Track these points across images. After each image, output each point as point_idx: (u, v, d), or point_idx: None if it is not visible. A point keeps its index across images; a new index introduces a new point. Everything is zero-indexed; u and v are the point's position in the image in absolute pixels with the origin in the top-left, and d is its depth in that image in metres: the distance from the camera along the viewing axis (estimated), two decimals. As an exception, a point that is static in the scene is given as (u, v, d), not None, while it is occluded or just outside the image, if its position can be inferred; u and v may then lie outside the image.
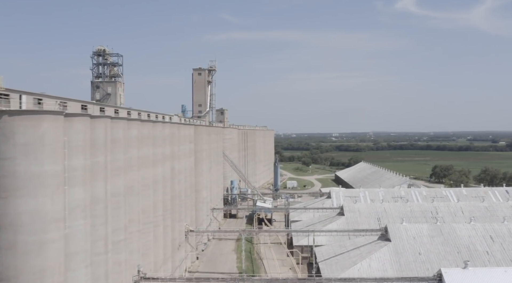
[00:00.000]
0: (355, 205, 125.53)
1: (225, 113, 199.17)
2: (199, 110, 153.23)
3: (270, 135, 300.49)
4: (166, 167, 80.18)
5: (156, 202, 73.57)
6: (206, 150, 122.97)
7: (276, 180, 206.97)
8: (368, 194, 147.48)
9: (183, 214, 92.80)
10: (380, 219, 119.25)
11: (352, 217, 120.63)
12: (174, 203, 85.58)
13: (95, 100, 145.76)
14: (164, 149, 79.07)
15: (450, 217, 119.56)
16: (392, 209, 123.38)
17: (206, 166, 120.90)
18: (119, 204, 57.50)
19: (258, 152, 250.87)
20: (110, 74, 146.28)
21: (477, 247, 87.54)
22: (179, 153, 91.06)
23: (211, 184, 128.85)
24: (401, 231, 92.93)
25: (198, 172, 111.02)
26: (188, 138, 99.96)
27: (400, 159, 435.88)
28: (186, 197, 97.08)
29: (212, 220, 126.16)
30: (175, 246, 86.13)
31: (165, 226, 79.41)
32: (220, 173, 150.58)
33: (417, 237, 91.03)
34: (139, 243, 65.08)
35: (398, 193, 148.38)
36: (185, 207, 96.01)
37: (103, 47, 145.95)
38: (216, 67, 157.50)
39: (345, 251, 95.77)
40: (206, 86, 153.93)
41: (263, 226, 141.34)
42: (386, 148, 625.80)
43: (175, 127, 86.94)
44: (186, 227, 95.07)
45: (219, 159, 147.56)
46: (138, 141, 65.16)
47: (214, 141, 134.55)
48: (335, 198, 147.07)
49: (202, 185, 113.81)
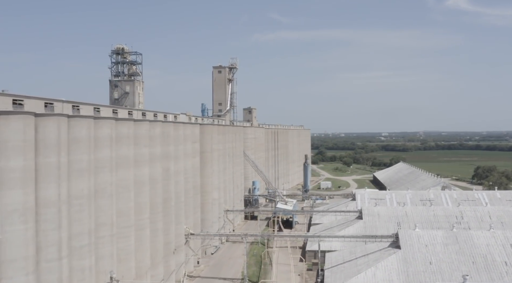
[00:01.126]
0: (374, 209, 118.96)
1: (253, 112, 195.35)
2: (219, 109, 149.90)
3: (306, 135, 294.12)
4: (156, 168, 76.92)
5: (140, 204, 70.45)
6: (219, 150, 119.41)
7: (306, 181, 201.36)
8: (394, 197, 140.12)
9: (182, 216, 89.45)
10: (400, 223, 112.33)
11: (371, 221, 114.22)
12: (168, 205, 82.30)
13: (113, 99, 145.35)
14: (153, 149, 75.86)
15: (476, 222, 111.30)
16: (414, 213, 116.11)
17: (218, 166, 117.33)
18: (82, 207, 54.50)
19: (291, 152, 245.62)
20: (129, 73, 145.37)
21: (495, 257, 79.87)
22: (178, 153, 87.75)
23: (225, 184, 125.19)
24: (413, 238, 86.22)
25: (206, 172, 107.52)
26: (191, 138, 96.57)
27: (446, 159, 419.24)
28: (188, 198, 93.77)
29: (226, 222, 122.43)
30: (169, 250, 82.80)
31: (155, 229, 76.21)
32: (240, 174, 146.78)
33: (430, 245, 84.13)
34: (113, 247, 61.99)
35: (427, 196, 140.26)
36: (186, 209, 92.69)
37: (121, 46, 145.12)
38: (237, 65, 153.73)
39: (353, 258, 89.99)
40: (226, 84, 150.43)
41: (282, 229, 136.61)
42: (433, 148, 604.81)
43: (170, 126, 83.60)
44: (186, 230, 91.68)
45: (239, 159, 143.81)
46: (113, 140, 62.08)
47: (230, 141, 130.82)
48: (360, 200, 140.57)
49: (211, 186, 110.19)
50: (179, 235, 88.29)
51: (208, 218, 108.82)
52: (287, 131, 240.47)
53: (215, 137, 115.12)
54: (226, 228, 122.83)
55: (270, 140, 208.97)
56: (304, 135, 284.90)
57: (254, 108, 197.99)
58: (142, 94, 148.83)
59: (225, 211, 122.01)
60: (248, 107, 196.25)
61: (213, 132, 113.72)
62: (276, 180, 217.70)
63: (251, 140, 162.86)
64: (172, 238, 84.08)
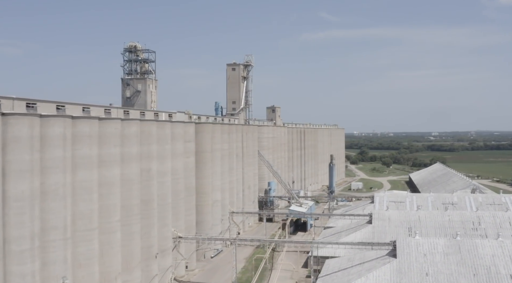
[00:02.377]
0: (385, 213, 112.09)
1: (277, 111, 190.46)
2: (233, 107, 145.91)
3: (339, 134, 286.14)
4: (132, 168, 73.73)
5: (108, 206, 67.37)
6: (224, 150, 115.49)
7: (331, 182, 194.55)
8: (415, 200, 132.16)
9: (168, 218, 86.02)
10: (411, 229, 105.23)
11: (380, 226, 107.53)
12: (149, 207, 79.04)
13: (125, 97, 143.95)
14: (128, 148, 72.68)
15: (493, 229, 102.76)
16: (427, 218, 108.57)
17: (222, 166, 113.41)
18: (23, 210, 51.76)
19: (321, 151, 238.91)
20: (141, 71, 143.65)
21: (499, 269, 72.26)
22: (164, 153, 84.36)
23: (231, 185, 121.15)
24: (411, 246, 79.45)
25: (204, 173, 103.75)
26: (183, 137, 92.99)
27: (492, 160, 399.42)
28: (177, 200, 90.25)
29: (232, 224, 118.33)
30: (151, 253, 79.48)
31: (129, 232, 73.06)
32: (254, 174, 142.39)
33: (429, 254, 77.22)
34: (66, 252, 59.06)
35: (450, 199, 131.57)
36: (175, 211, 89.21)
37: (134, 43, 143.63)
38: (252, 62, 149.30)
39: (349, 266, 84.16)
40: (240, 82, 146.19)
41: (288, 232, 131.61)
42: (482, 148, 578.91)
43: (151, 125, 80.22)
44: (174, 233, 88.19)
45: (251, 159, 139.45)
46: (67, 140, 59.12)
47: (238, 140, 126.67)
48: (378, 203, 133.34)
49: (211, 187, 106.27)
50: (165, 238, 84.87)
51: (206, 220, 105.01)
52: (316, 130, 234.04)
53: (217, 136, 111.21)
54: (232, 231, 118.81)
55: (296, 139, 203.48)
56: (336, 134, 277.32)
57: (278, 106, 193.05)
58: (155, 93, 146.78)
59: (231, 213, 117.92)
60: (271, 105, 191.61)
61: (215, 131, 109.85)
62: (302, 181, 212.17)
63: (268, 139, 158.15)
64: (155, 242, 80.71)
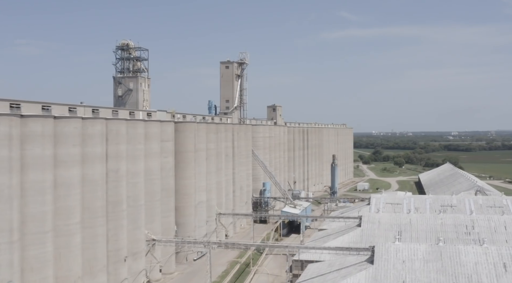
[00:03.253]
0: (376, 215, 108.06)
1: (278, 110, 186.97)
2: (226, 106, 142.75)
3: (347, 134, 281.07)
4: (96, 169, 71.15)
5: (65, 208, 64.85)
6: (211, 149, 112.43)
7: (333, 182, 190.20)
8: (413, 202, 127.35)
9: (141, 220, 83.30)
10: (401, 232, 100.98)
11: (369, 229, 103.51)
12: (118, 209, 76.44)
13: (117, 96, 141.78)
14: (91, 148, 70.09)
15: (488, 233, 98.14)
16: (419, 221, 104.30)
17: (208, 166, 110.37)
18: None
19: (326, 151, 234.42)
20: (133, 69, 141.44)
21: (481, 278, 67.90)
22: (135, 153, 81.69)
23: (220, 186, 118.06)
24: (390, 252, 75.39)
25: (186, 173, 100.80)
26: (159, 136, 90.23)
27: (509, 160, 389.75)
28: (152, 201, 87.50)
29: (219, 226, 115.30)
30: (119, 257, 76.86)
31: (92, 235, 70.52)
32: (246, 174, 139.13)
33: (408, 261, 73.10)
34: (13, 255, 56.61)
35: (449, 201, 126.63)
36: (150, 212, 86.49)
37: (126, 41, 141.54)
38: (247, 59, 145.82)
39: (327, 272, 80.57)
40: (234, 80, 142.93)
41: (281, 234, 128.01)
42: (499, 148, 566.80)
43: (120, 124, 77.59)
44: (148, 236, 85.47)
45: (244, 159, 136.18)
46: (13, 139, 56.65)
47: (226, 140, 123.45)
48: (374, 204, 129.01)
49: (195, 188, 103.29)
50: (137, 241, 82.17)
51: (189, 222, 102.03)
52: (320, 130, 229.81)
53: (202, 135, 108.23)
54: (220, 233, 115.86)
55: (298, 139, 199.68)
56: (344, 134, 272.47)
57: (279, 105, 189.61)
58: (148, 91, 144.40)
59: (218, 214, 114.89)
60: (272, 104, 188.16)
61: (199, 131, 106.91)
62: (305, 181, 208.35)
63: (264, 139, 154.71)
64: (124, 244, 78.05)
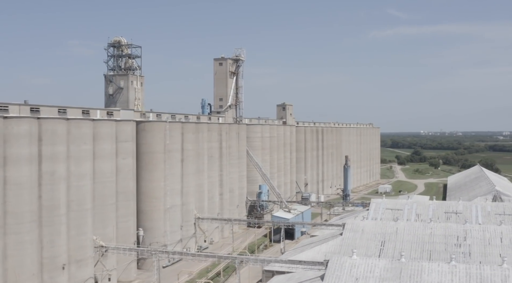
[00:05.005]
0: (360, 223, 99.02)
1: (288, 109, 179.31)
2: (220, 104, 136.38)
3: (373, 134, 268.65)
4: (21, 171, 66.56)
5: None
6: (187, 150, 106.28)
7: (345, 185, 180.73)
8: (415, 208, 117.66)
9: (87, 226, 78.18)
10: (384, 243, 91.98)
11: (350, 238, 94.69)
12: (54, 214, 71.68)
13: (108, 94, 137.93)
14: (14, 149, 65.54)
15: (480, 246, 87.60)
16: (406, 231, 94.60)
17: (182, 168, 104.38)
18: None
19: (346, 152, 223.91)
20: (125, 67, 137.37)
21: (440, 301, 58.73)
22: (79, 154, 76.56)
23: (200, 189, 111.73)
24: (345, 268, 66.88)
25: (153, 175, 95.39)
26: (112, 136, 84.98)
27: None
28: (105, 205, 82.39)
29: (198, 232, 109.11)
30: (55, 264, 71.96)
31: (18, 241, 66.30)
32: (239, 176, 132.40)
33: (362, 279, 64.46)
34: None
35: (454, 208, 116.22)
36: (101, 217, 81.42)
37: (119, 38, 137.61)
38: (243, 56, 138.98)
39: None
40: (228, 77, 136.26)
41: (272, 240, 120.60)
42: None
43: (56, 123, 72.58)
44: (97, 242, 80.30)
45: (234, 161, 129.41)
46: None
47: (210, 140, 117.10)
48: (373, 210, 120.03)
49: (164, 191, 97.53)
50: (82, 248, 77.08)
51: (157, 227, 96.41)
52: (339, 129, 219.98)
53: (176, 135, 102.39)
54: (199, 239, 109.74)
55: (310, 139, 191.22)
56: (369, 134, 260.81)
57: (290, 104, 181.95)
58: (141, 90, 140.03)
59: (197, 219, 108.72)
60: (282, 103, 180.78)
61: (173, 130, 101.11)
62: (319, 183, 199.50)
63: (264, 139, 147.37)
64: (62, 251, 73.10)
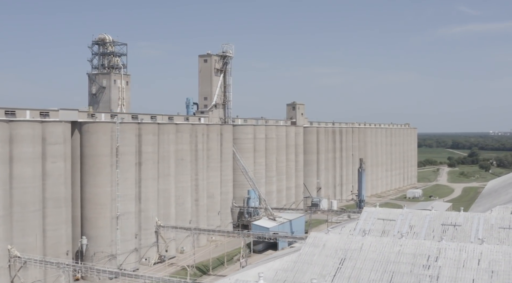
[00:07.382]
0: (323, 237, 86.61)
1: (299, 108, 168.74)
2: (204, 104, 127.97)
3: (408, 134, 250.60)
4: None
5: None
6: (146, 153, 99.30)
7: (360, 190, 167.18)
8: (409, 218, 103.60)
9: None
10: (344, 261, 79.88)
11: (308, 254, 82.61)
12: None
13: (91, 94, 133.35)
14: None
15: (452, 268, 72.77)
16: (371, 247, 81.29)
17: (139, 172, 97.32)
18: None
19: (371, 154, 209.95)
20: (109, 65, 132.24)
21: None
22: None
23: (164, 194, 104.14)
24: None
25: (98, 180, 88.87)
26: (36, 138, 79.00)
27: None
28: (26, 212, 76.82)
29: (159, 240, 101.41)
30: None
31: None
32: (223, 180, 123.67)
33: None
34: None
35: (454, 219, 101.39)
36: (19, 226, 75.75)
37: (103, 36, 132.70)
38: (231, 52, 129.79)
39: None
40: (213, 75, 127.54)
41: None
42: None
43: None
44: (12, 252, 74.27)
45: (215, 164, 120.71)
46: None
47: (179, 142, 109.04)
48: (363, 220, 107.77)
49: (112, 197, 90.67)
50: None
51: (103, 235, 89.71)
52: (363, 130, 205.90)
53: (130, 137, 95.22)
54: (160, 248, 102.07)
55: (325, 140, 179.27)
56: (403, 134, 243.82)
57: (301, 103, 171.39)
58: (127, 89, 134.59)
59: (158, 227, 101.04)
60: (292, 102, 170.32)
61: (125, 132, 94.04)
62: (336, 187, 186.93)
63: (258, 140, 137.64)
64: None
